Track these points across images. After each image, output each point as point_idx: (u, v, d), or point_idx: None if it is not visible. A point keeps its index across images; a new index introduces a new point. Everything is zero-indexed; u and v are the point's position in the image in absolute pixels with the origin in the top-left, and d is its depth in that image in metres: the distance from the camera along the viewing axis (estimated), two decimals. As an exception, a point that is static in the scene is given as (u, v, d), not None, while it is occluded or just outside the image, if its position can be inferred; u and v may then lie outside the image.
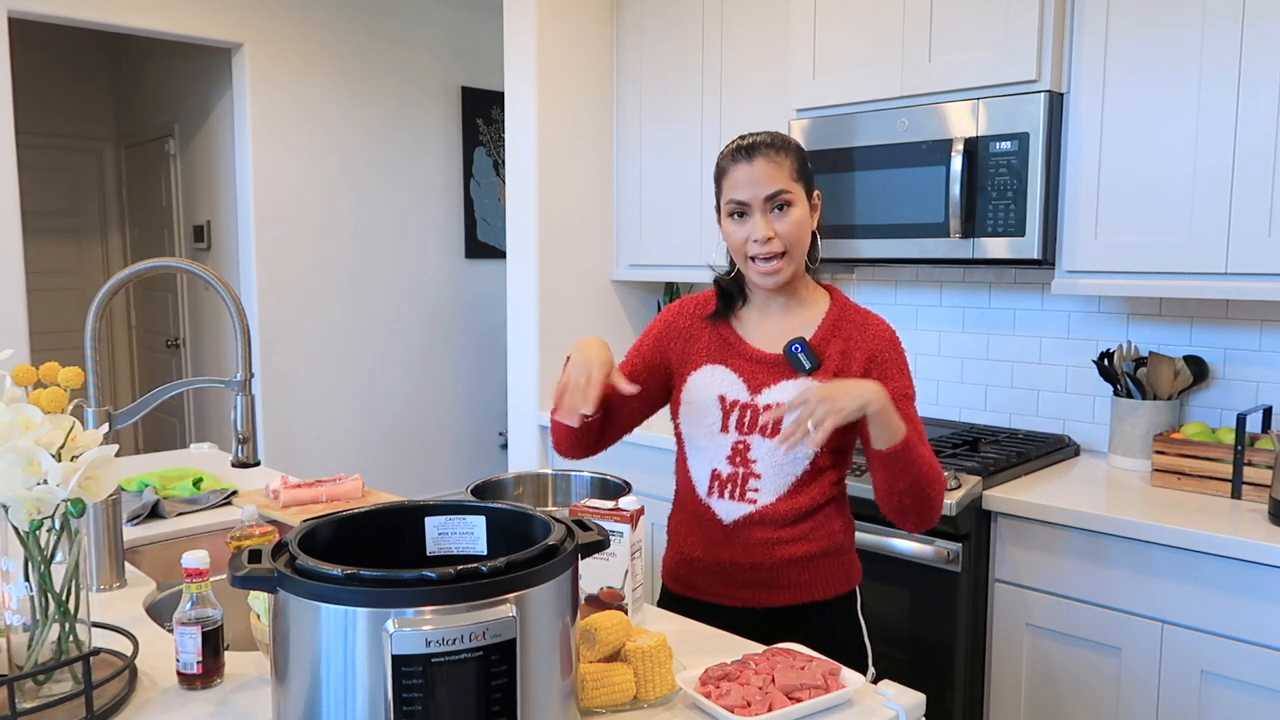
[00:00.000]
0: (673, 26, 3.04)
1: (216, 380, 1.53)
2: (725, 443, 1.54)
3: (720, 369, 1.56)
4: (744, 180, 1.50)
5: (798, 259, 1.53)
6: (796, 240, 1.51)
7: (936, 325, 2.76)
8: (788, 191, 1.49)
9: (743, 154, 1.51)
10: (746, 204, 1.50)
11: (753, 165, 1.49)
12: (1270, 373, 2.21)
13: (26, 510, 1.04)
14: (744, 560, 1.52)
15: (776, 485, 1.51)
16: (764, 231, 1.48)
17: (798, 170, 1.51)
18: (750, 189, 1.49)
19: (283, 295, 4.29)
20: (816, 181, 2.48)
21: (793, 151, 1.52)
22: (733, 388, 1.54)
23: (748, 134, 1.54)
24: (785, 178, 1.49)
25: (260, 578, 0.91)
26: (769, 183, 1.48)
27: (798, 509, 1.51)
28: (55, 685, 1.11)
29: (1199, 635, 1.82)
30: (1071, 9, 2.14)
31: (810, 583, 1.53)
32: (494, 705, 0.88)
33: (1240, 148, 1.93)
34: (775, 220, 1.50)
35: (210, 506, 1.98)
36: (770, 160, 1.49)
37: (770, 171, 1.49)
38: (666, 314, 1.67)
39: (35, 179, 5.37)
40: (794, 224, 1.50)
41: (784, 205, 1.50)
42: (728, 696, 1.10)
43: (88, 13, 3.65)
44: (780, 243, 1.50)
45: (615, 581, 1.34)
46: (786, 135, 1.55)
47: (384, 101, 4.53)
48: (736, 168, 1.51)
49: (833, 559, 1.55)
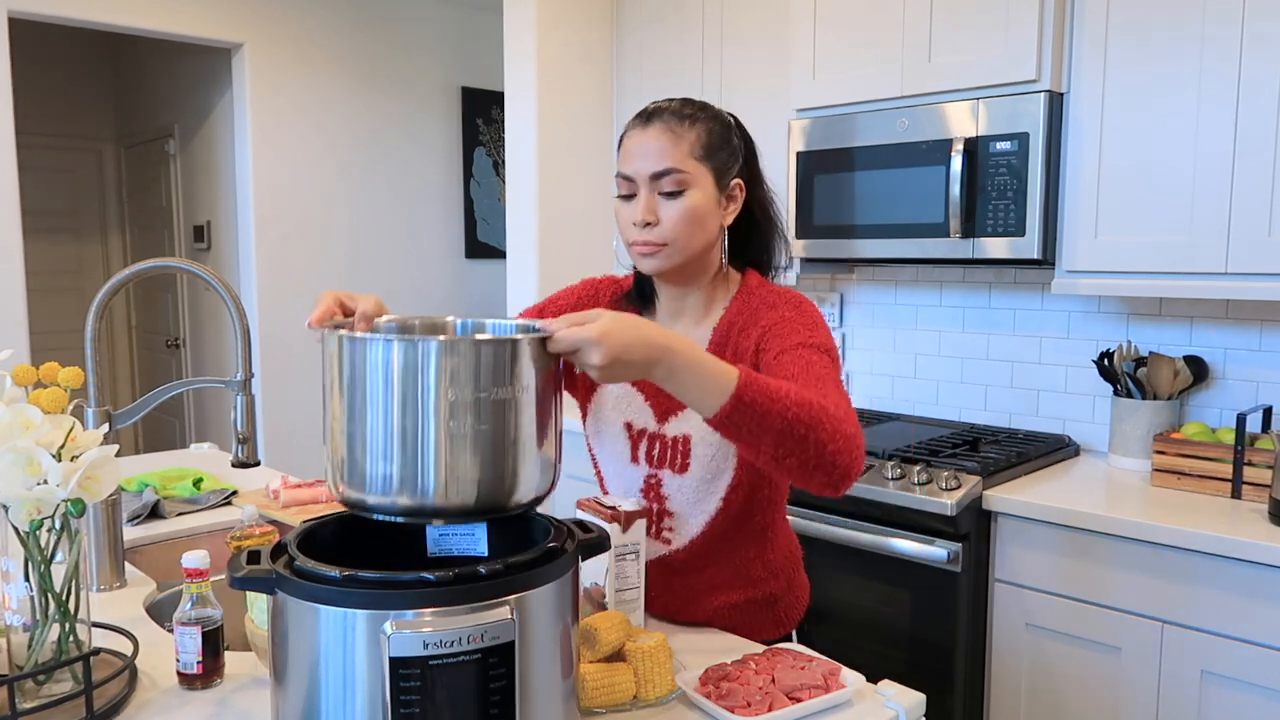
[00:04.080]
0: (673, 26, 3.03)
1: (216, 380, 1.53)
2: (638, 475, 1.36)
3: (627, 389, 1.37)
4: (634, 151, 1.25)
5: (685, 253, 1.27)
6: (683, 234, 1.24)
7: (936, 325, 2.76)
8: (681, 172, 1.23)
9: (640, 119, 1.26)
10: (632, 179, 1.25)
11: (646, 133, 1.24)
12: (1270, 373, 2.21)
13: (26, 510, 1.04)
14: (663, 611, 1.39)
15: (689, 526, 1.34)
16: (642, 214, 1.23)
17: (705, 148, 1.25)
18: (637, 161, 1.24)
19: (283, 295, 4.29)
20: (816, 182, 2.50)
21: (703, 124, 1.25)
22: (640, 414, 1.35)
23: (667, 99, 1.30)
24: (681, 154, 1.23)
25: (258, 579, 0.91)
26: (659, 157, 1.23)
27: (716, 553, 1.35)
28: (55, 685, 1.11)
29: (1199, 635, 1.81)
30: (1071, 9, 2.13)
31: (737, 629, 1.38)
32: (492, 708, 0.88)
33: (1240, 147, 1.93)
34: (663, 205, 1.24)
35: (210, 506, 1.98)
36: (669, 129, 1.23)
37: (664, 144, 1.23)
38: (582, 291, 1.44)
39: (35, 179, 5.37)
40: (682, 213, 1.23)
41: (675, 186, 1.23)
42: (728, 696, 1.10)
43: (88, 13, 3.65)
44: (662, 231, 1.24)
45: (599, 579, 1.26)
46: (709, 105, 1.29)
47: (384, 101, 4.53)
48: (630, 134, 1.26)
49: (761, 607, 1.39)
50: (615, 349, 0.96)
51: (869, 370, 2.92)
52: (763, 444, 1.04)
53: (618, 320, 0.98)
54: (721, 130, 1.28)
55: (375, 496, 0.94)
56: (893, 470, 2.14)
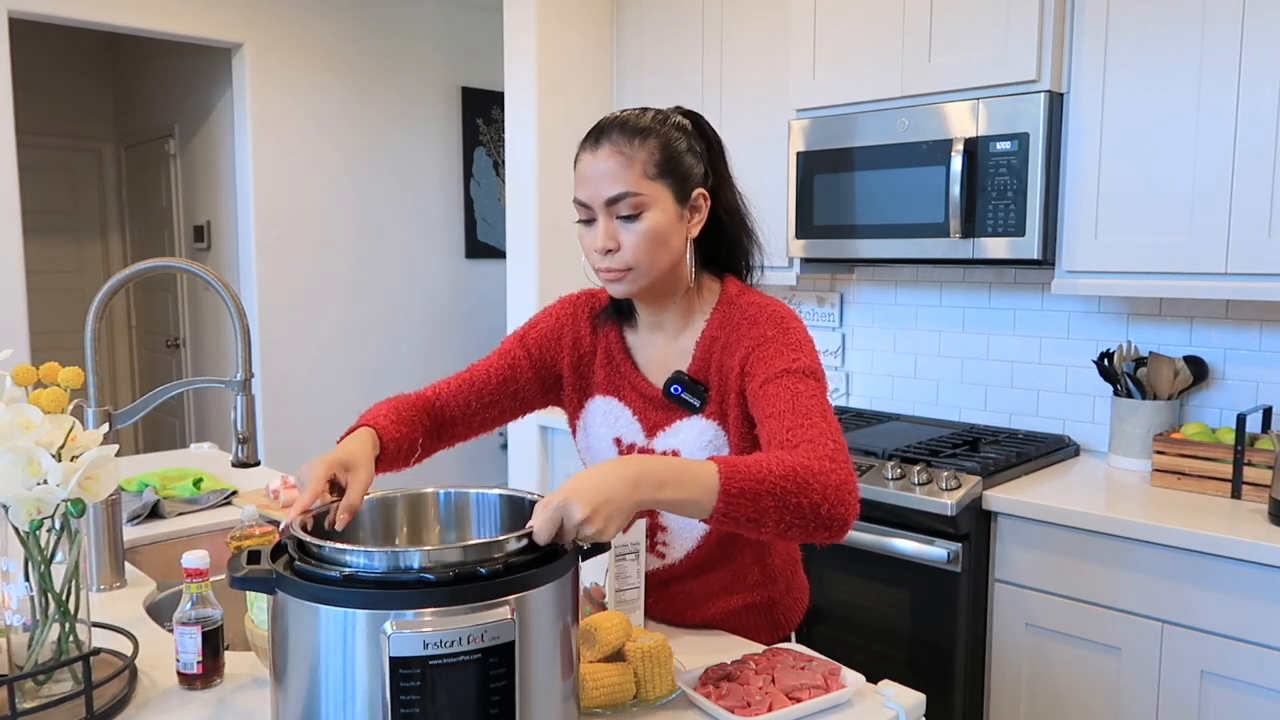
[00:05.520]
0: (673, 26, 3.03)
1: (216, 380, 1.53)
2: None
3: (614, 404, 1.36)
4: (587, 175, 1.21)
5: (651, 275, 1.23)
6: (646, 257, 1.21)
7: (936, 325, 2.76)
8: (636, 195, 1.18)
9: (590, 139, 1.22)
10: (587, 206, 1.22)
11: (596, 156, 1.20)
12: (1270, 373, 2.21)
13: (26, 510, 1.04)
14: (661, 617, 1.41)
15: (684, 540, 1.35)
16: (602, 241, 1.20)
17: (659, 165, 1.20)
18: (591, 187, 1.20)
19: (283, 295, 4.29)
20: (816, 182, 2.50)
21: (655, 138, 1.20)
22: (628, 429, 1.34)
23: (616, 111, 1.24)
24: (634, 176, 1.18)
25: (258, 579, 0.91)
26: (610, 181, 1.19)
27: (710, 563, 1.35)
28: (55, 685, 1.11)
29: (1199, 635, 1.81)
30: (1071, 9, 2.13)
31: (734, 634, 1.38)
32: (492, 708, 0.88)
33: (1240, 147, 1.93)
34: (622, 229, 1.20)
35: (210, 506, 1.98)
36: (618, 151, 1.18)
37: (614, 167, 1.18)
38: (560, 311, 1.42)
39: (35, 179, 5.37)
40: (643, 235, 1.19)
41: (631, 213, 1.19)
42: (728, 696, 1.10)
43: (88, 13, 3.65)
44: (625, 255, 1.20)
45: (599, 578, 1.25)
46: (661, 113, 1.24)
47: (384, 101, 4.53)
48: (583, 157, 1.22)
49: (758, 612, 1.40)
50: (591, 499, 0.94)
51: (869, 370, 2.92)
52: (764, 524, 1.04)
53: (577, 477, 0.97)
54: (676, 140, 1.22)
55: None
56: (893, 470, 2.14)
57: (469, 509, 1.16)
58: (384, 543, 1.15)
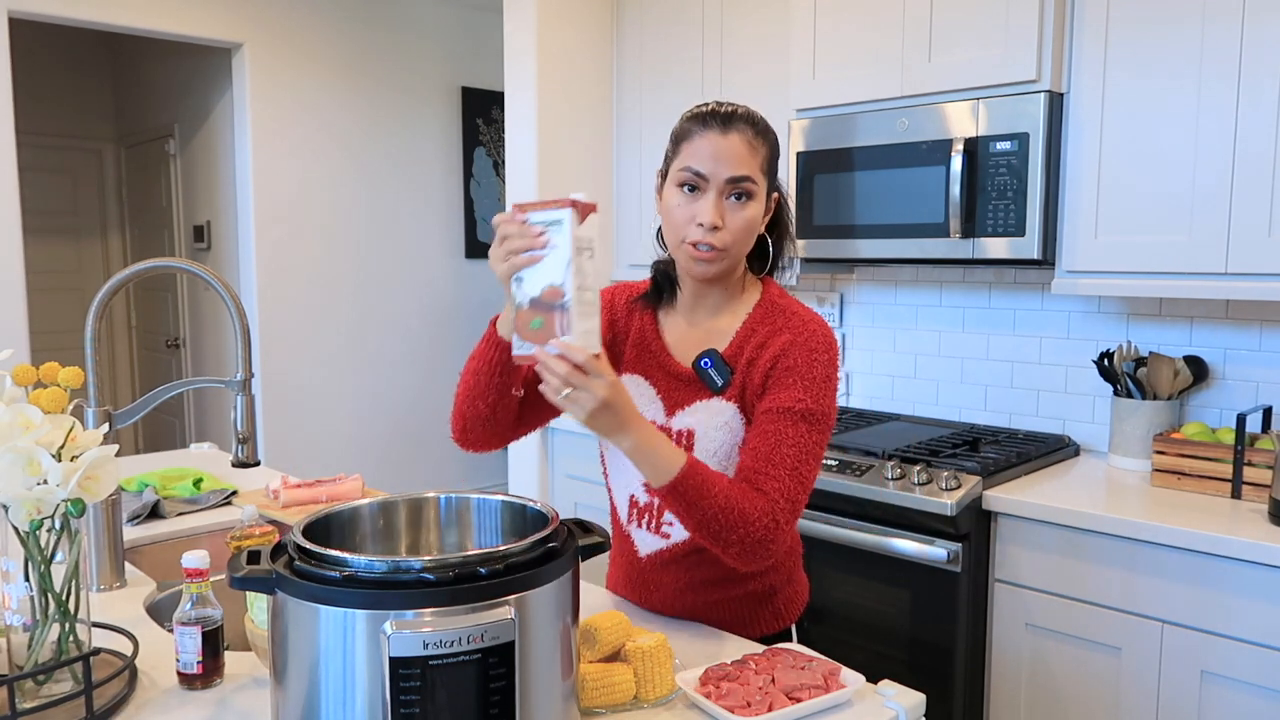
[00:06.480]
0: (673, 26, 3.04)
1: (216, 380, 1.53)
2: None
3: (639, 381, 1.40)
4: (708, 151, 1.27)
5: (736, 259, 1.33)
6: (742, 240, 1.31)
7: (936, 325, 2.76)
8: (753, 181, 1.28)
9: (716, 121, 1.28)
10: (704, 178, 1.27)
11: (726, 138, 1.27)
12: (1270, 373, 2.21)
13: (26, 510, 1.04)
14: (662, 606, 1.43)
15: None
16: (712, 217, 1.26)
17: (768, 163, 1.32)
18: (714, 162, 1.26)
19: (283, 295, 4.29)
20: (816, 182, 2.50)
21: (770, 141, 1.33)
22: (650, 406, 1.38)
23: (725, 101, 1.32)
24: (756, 165, 1.29)
25: (258, 579, 0.91)
26: (738, 163, 1.27)
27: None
28: (55, 685, 1.11)
29: (1199, 635, 1.81)
30: (1071, 9, 2.13)
31: (733, 624, 1.41)
32: (492, 708, 0.88)
33: (1240, 148, 1.93)
34: (730, 210, 1.28)
35: (210, 506, 1.98)
36: (746, 140, 1.28)
37: (743, 152, 1.27)
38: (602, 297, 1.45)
39: (35, 179, 5.37)
40: (747, 221, 1.29)
41: (744, 195, 1.28)
42: (728, 696, 1.10)
43: (88, 13, 3.65)
44: (726, 236, 1.28)
45: (556, 279, 1.12)
46: (767, 121, 1.35)
47: (384, 101, 4.53)
48: (705, 134, 1.28)
49: (759, 601, 1.42)
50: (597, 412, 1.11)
51: (869, 370, 2.92)
52: (687, 523, 1.20)
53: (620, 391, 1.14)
54: (777, 148, 1.35)
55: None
56: (893, 470, 2.14)
57: (469, 514, 1.17)
58: (385, 546, 1.15)
